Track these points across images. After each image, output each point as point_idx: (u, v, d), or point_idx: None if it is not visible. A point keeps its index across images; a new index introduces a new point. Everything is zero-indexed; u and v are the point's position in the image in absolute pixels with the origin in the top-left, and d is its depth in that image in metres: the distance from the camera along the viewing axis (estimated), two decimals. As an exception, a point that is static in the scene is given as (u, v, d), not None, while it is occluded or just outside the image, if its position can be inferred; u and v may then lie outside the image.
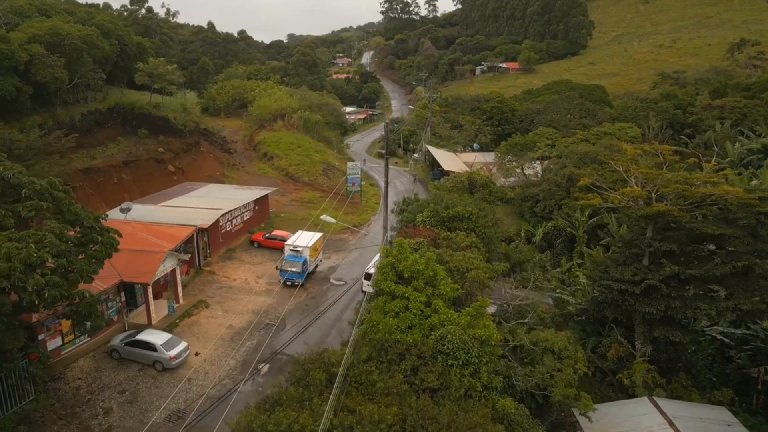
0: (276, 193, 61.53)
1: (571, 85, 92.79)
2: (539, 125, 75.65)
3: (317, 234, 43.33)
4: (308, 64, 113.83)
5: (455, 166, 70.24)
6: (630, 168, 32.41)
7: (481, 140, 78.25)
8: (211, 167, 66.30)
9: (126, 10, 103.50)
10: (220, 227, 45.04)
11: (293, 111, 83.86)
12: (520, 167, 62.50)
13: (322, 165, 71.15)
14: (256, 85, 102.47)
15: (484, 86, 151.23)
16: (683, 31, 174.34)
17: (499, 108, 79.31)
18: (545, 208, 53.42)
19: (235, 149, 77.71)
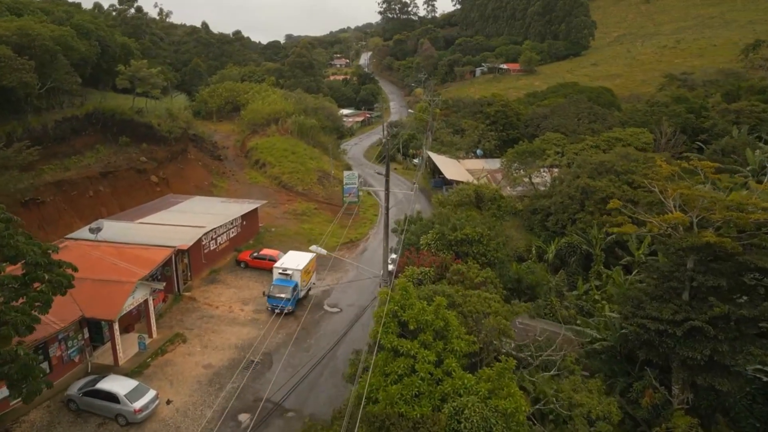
0: (267, 205, 57.11)
1: (578, 87, 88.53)
2: (546, 130, 71.36)
3: (309, 254, 39.00)
4: (304, 66, 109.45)
5: (458, 174, 65.93)
6: (667, 188, 28.05)
7: (485, 146, 73.98)
8: (198, 176, 61.87)
9: (114, 10, 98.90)
10: (202, 247, 40.65)
11: (287, 115, 79.48)
12: (528, 176, 58.19)
13: (317, 173, 66.78)
14: (249, 88, 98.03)
15: (485, 88, 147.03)
16: (686, 31, 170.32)
17: (503, 112, 75.03)
18: (557, 222, 49.13)
19: (225, 156, 73.28)
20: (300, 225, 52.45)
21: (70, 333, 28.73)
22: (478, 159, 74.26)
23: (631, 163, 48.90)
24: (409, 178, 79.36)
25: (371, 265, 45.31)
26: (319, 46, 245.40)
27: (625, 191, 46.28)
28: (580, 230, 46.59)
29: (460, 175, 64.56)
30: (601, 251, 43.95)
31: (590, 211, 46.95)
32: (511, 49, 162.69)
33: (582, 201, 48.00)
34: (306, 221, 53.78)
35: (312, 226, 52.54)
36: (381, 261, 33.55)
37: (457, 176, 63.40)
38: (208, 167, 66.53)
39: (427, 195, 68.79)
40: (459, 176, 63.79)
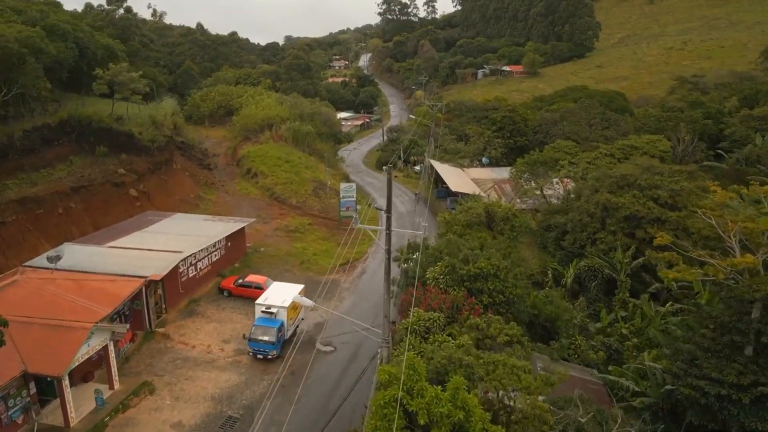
0: (257, 221, 52.26)
1: (588, 91, 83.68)
2: (556, 138, 66.54)
3: (296, 286, 34.09)
4: (301, 68, 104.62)
5: (463, 184, 61.08)
6: (725, 217, 23.20)
7: (491, 154, 69.16)
8: (184, 188, 57.02)
9: (103, 11, 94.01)
10: (180, 275, 35.80)
11: (282, 121, 74.65)
12: (540, 188, 53.36)
13: (312, 183, 61.94)
14: (243, 91, 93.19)
15: (487, 90, 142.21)
16: (692, 32, 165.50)
17: (510, 118, 70.19)
18: (575, 242, 44.27)
19: (215, 165, 68.44)
20: (292, 244, 47.59)
21: (11, 390, 23.93)
22: (484, 168, 69.44)
23: (655, 177, 44.10)
24: (411, 187, 74.54)
25: (370, 291, 40.54)
26: (318, 47, 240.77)
27: (650, 209, 41.49)
28: (602, 252, 41.78)
29: (466, 187, 59.71)
30: (626, 277, 39.16)
31: (612, 231, 42.14)
32: (514, 51, 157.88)
33: (603, 219, 43.17)
34: (299, 239, 48.92)
35: (305, 245, 47.71)
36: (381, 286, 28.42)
37: (462, 188, 58.57)
38: (195, 177, 61.68)
39: (430, 206, 64.00)
40: (465, 188, 58.95)
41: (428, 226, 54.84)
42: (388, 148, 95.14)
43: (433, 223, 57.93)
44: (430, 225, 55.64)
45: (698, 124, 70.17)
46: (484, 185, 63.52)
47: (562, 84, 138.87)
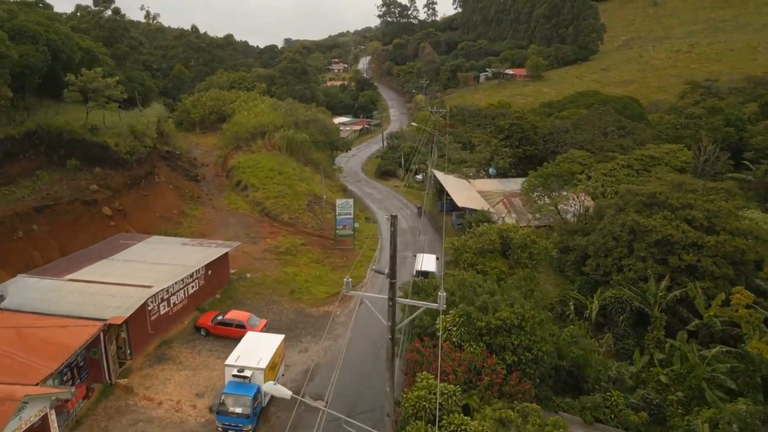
0: (245, 240, 47.24)
1: (600, 97, 78.69)
2: (568, 147, 61.56)
3: (275, 337, 28.75)
4: (297, 72, 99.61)
5: (469, 198, 56.06)
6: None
7: (499, 164, 64.13)
8: (166, 203, 51.94)
9: (89, 12, 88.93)
10: (149, 313, 30.73)
11: (275, 128, 69.64)
12: (554, 205, 48.34)
13: (307, 197, 56.89)
14: (237, 96, 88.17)
15: (490, 95, 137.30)
16: (699, 35, 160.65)
17: (518, 125, 65.18)
18: (598, 268, 39.22)
19: (203, 176, 63.36)
20: (282, 268, 42.48)
21: None
22: (491, 179, 64.43)
23: (688, 195, 39.11)
24: (413, 198, 69.56)
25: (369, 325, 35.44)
26: (317, 50, 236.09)
27: (685, 232, 36.49)
28: (630, 280, 36.76)
29: (473, 201, 54.71)
30: (661, 312, 34.14)
31: (641, 257, 37.12)
32: (517, 54, 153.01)
33: (630, 243, 38.15)
34: (290, 262, 43.83)
35: (297, 269, 42.63)
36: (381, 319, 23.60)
37: (469, 202, 53.56)
38: (180, 191, 56.60)
39: (433, 222, 58.98)
40: (472, 203, 53.95)
41: (431, 240, 49.86)
42: (388, 156, 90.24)
43: (438, 240, 53.01)
44: (435, 243, 50.70)
45: (719, 132, 65.26)
46: (492, 199, 58.53)
47: (566, 88, 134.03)
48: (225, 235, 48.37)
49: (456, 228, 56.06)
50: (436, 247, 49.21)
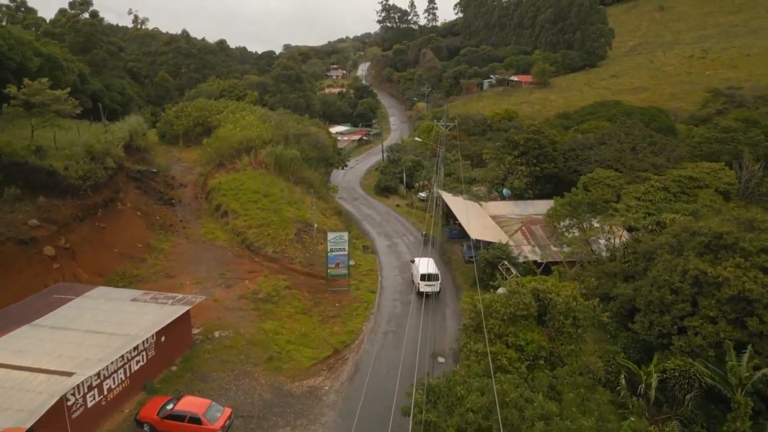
0: (219, 283, 39.07)
1: (623, 107, 70.60)
2: (593, 165, 53.44)
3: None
4: (291, 79, 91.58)
5: (483, 227, 47.83)
6: None
7: (514, 184, 55.95)
8: (130, 235, 43.73)
9: (64, 16, 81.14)
10: (69, 410, 22.50)
11: (263, 143, 61.50)
12: (586, 240, 40.17)
13: (295, 225, 48.67)
14: (224, 106, 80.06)
15: (494, 102, 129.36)
16: (709, 40, 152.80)
17: (535, 141, 57.05)
18: (651, 326, 31.02)
19: (180, 199, 55.18)
20: (260, 323, 34.19)
21: None
22: (505, 201, 56.25)
23: (762, 236, 30.94)
24: (416, 221, 61.38)
25: (367, 406, 26.98)
26: (315, 56, 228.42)
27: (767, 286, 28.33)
28: (698, 347, 28.58)
29: (487, 230, 46.48)
30: (745, 396, 25.97)
31: (711, 317, 28.95)
32: (522, 60, 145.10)
33: (694, 297, 30.00)
34: (270, 314, 35.55)
35: (278, 324, 34.33)
36: (385, 396, 15.42)
37: (483, 232, 45.31)
38: (150, 218, 48.39)
39: (441, 251, 50.74)
40: (485, 232, 45.72)
41: (444, 286, 41.61)
42: (389, 170, 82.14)
43: (448, 277, 44.85)
44: (445, 283, 42.49)
45: (760, 147, 57.21)
46: (509, 226, 50.35)
47: (575, 95, 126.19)
48: (195, 275, 40.19)
49: (467, 260, 47.95)
50: (445, 284, 41.00)
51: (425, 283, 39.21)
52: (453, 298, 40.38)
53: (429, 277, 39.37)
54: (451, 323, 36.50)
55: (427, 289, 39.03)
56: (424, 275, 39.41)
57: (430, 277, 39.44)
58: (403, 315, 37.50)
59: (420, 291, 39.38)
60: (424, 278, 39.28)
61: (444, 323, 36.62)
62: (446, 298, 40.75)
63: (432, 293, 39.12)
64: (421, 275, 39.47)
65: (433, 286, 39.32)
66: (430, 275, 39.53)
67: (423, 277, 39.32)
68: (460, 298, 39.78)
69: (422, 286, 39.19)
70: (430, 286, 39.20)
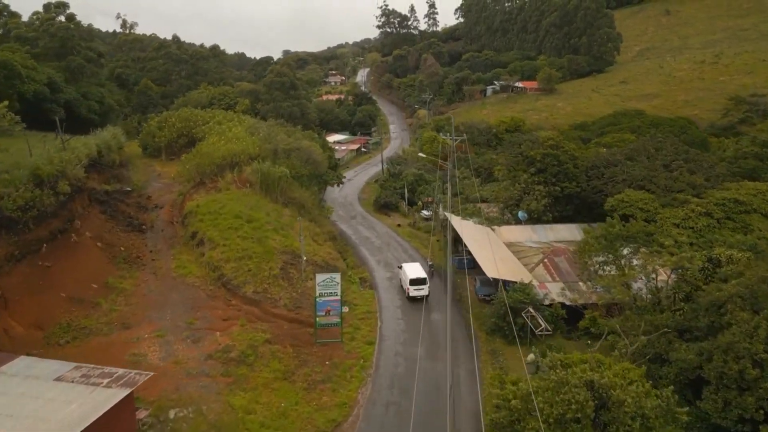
0: (184, 337, 31.89)
1: (648, 118, 63.74)
2: (621, 185, 46.31)
3: None
4: (285, 87, 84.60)
5: (499, 260, 40.44)
6: None
7: (531, 206, 48.80)
8: (83, 274, 36.57)
9: (37, 19, 74.15)
10: None
11: (250, 159, 54.42)
12: (626, 284, 32.98)
13: (281, 257, 41.47)
14: (210, 116, 73.09)
15: (499, 110, 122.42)
16: (719, 45, 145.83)
17: (554, 157, 49.96)
18: (727, 406, 23.85)
19: (152, 223, 48.06)
20: (229, 396, 26.91)
21: None
22: (521, 226, 49.09)
23: None
24: (419, 244, 54.27)
25: None
26: (314, 62, 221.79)
27: None
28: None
29: (505, 266, 39.20)
30: None
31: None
32: (526, 65, 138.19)
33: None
34: (243, 381, 28.30)
35: (252, 396, 27.08)
36: None
37: (501, 269, 38.01)
38: (113, 249, 41.26)
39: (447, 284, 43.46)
40: (504, 268, 38.45)
41: (456, 337, 34.20)
42: (389, 185, 74.98)
43: (458, 317, 37.67)
44: (457, 333, 35.30)
45: (806, 163, 50.24)
46: (528, 257, 43.18)
47: (583, 102, 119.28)
48: (157, 325, 33.02)
49: (482, 298, 40.81)
50: (461, 350, 33.66)
51: (414, 287, 39.75)
52: (467, 353, 33.13)
53: (418, 281, 39.83)
54: (467, 392, 29.19)
55: (416, 293, 39.63)
56: (413, 280, 39.88)
57: (419, 281, 39.88)
58: (407, 375, 30.34)
59: (410, 296, 39.95)
60: (414, 283, 39.75)
61: (458, 390, 29.36)
62: (459, 350, 33.54)
63: (421, 297, 39.43)
64: (411, 280, 39.94)
65: (422, 290, 39.70)
66: (419, 279, 40.01)
67: (412, 282, 39.79)
68: (478, 354, 32.59)
69: (412, 290, 39.79)
70: (419, 290, 39.69)
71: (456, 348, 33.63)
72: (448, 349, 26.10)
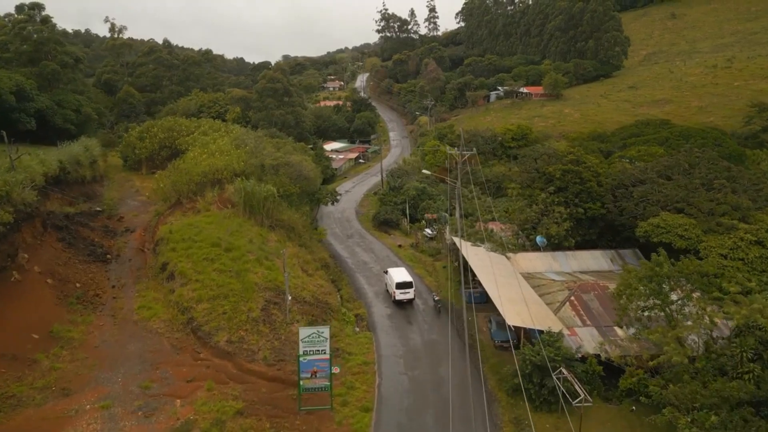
0: (132, 413, 25.40)
1: (678, 129, 57.03)
2: (655, 206, 39.95)
3: None
4: (278, 94, 78.32)
5: (520, 301, 34.03)
6: None
7: (551, 231, 42.38)
8: (22, 321, 30.14)
9: (8, 22, 67.97)
10: None
11: (233, 175, 48.10)
12: (677, 339, 26.52)
13: (263, 295, 35.08)
14: (196, 126, 66.90)
15: (503, 116, 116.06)
16: (730, 48, 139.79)
17: (575, 173, 43.61)
18: None
19: (119, 251, 41.72)
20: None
21: None
22: (540, 253, 42.67)
23: None
24: (422, 272, 47.88)
25: None
26: (312, 66, 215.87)
27: None
28: None
29: (527, 310, 32.70)
30: None
31: None
32: (531, 70, 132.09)
33: None
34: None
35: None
36: None
37: (522, 314, 31.56)
38: (65, 286, 34.84)
39: (458, 325, 37.13)
40: (525, 313, 31.95)
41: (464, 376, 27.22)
42: (389, 200, 68.55)
43: (472, 371, 31.26)
44: (470, 379, 28.78)
45: None
46: (551, 292, 36.76)
47: (591, 108, 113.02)
48: (104, 389, 26.58)
49: (498, 345, 34.40)
50: (477, 422, 27.13)
51: (401, 291, 40.09)
52: (485, 421, 26.65)
53: (404, 285, 40.32)
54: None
55: (402, 297, 40.10)
56: (399, 284, 40.28)
57: (405, 285, 40.38)
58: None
59: (396, 299, 40.15)
60: (400, 286, 40.16)
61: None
62: (474, 420, 27.07)
63: (407, 300, 40.29)
64: (397, 284, 40.28)
65: (408, 294, 40.29)
66: (405, 283, 40.47)
67: (399, 286, 40.18)
68: (497, 424, 26.15)
69: (398, 294, 40.07)
70: (405, 293, 40.18)
71: (470, 415, 27.20)
72: None
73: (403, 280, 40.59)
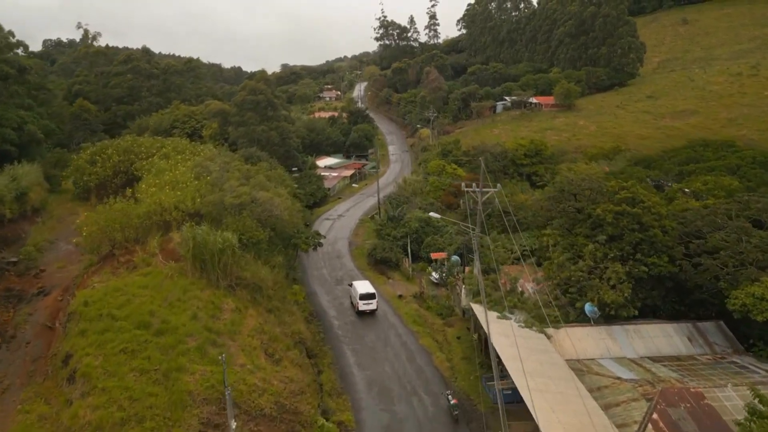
0: None
1: (749, 154, 45.25)
2: (748, 266, 28.35)
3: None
4: (260, 107, 66.97)
5: (572, 414, 22.26)
6: None
7: (606, 297, 30.61)
8: None
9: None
10: None
11: (187, 216, 36.48)
12: None
13: (201, 410, 23.32)
14: (159, 147, 55.37)
15: (512, 129, 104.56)
16: (750, 55, 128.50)
17: (633, 216, 31.97)
18: None
19: (17, 328, 30.00)
20: None
21: None
22: (591, 327, 30.95)
23: None
24: (429, 342, 36.07)
25: None
26: (308, 76, 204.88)
27: None
28: None
29: (582, 428, 20.97)
30: None
31: None
32: (540, 78, 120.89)
33: None
34: None
35: None
36: None
37: None
38: None
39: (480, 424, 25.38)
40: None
41: None
42: (387, 232, 56.91)
43: None
44: None
45: None
46: (613, 395, 24.96)
47: (608, 120, 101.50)
48: None
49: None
50: None
51: (364, 302, 40.00)
52: None
53: (367, 296, 40.35)
54: None
55: (365, 307, 40.02)
56: (363, 295, 40.23)
57: (368, 296, 40.42)
58: None
59: (359, 310, 39.91)
60: (363, 297, 40.11)
61: None
62: None
63: (370, 311, 39.90)
64: (360, 295, 40.20)
65: (371, 305, 40.21)
66: (369, 294, 40.59)
67: (362, 297, 40.11)
68: None
69: (361, 305, 39.93)
70: (368, 304, 40.12)
71: None
72: None
73: (366, 291, 40.83)
